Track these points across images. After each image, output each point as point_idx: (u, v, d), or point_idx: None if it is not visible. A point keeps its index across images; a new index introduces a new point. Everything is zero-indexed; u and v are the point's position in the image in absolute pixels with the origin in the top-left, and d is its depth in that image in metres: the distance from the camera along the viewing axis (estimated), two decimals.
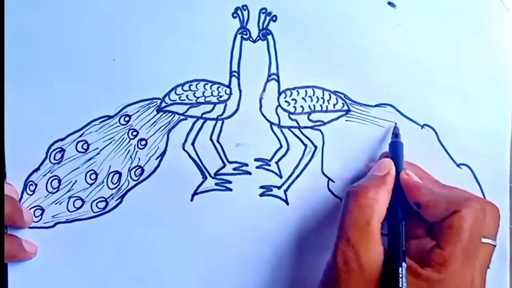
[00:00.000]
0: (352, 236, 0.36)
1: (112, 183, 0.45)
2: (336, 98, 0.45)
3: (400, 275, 0.35)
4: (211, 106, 0.44)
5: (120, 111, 0.44)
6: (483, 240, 0.37)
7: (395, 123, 0.44)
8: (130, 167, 0.45)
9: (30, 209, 0.44)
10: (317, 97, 0.44)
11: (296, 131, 0.45)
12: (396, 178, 0.39)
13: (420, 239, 0.39)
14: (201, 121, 0.44)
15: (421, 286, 0.35)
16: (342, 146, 0.44)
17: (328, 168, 0.44)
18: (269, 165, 0.45)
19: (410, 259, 0.36)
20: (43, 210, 0.45)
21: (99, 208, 0.45)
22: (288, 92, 0.44)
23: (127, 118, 0.44)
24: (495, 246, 0.38)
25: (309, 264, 0.44)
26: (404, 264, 0.35)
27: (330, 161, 0.44)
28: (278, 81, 0.44)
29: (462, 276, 0.35)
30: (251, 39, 0.44)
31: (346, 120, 0.45)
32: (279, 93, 0.44)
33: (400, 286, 0.35)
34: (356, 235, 0.36)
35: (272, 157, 0.45)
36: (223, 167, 0.45)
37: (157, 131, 0.45)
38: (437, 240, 0.36)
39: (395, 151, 0.42)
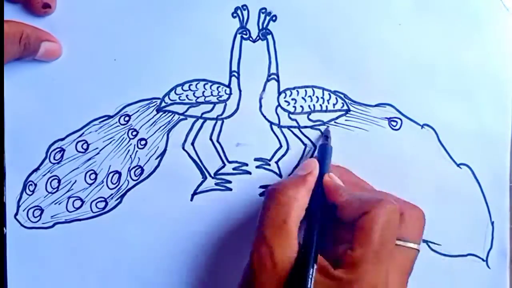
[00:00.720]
0: (268, 234, 0.36)
1: (112, 183, 0.44)
2: (336, 98, 0.45)
3: (310, 275, 0.34)
4: (211, 106, 0.44)
5: (120, 111, 0.44)
6: (399, 243, 0.37)
7: (328, 126, 0.44)
8: (129, 167, 0.45)
9: (29, 209, 0.44)
10: (317, 97, 0.44)
11: (296, 131, 0.45)
12: (320, 180, 0.39)
13: (335, 244, 0.38)
14: (201, 121, 0.44)
15: (331, 286, 0.34)
16: (342, 146, 0.44)
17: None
18: (269, 164, 0.45)
19: (330, 261, 0.36)
20: (42, 211, 0.44)
21: (98, 208, 0.45)
22: (288, 92, 0.44)
23: (127, 118, 0.44)
24: (418, 250, 0.38)
25: None
26: (315, 265, 0.35)
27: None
28: (278, 81, 0.44)
29: (374, 278, 0.34)
30: (251, 39, 0.44)
31: (346, 120, 0.45)
32: (279, 93, 0.44)
33: (308, 286, 0.34)
34: (272, 233, 0.36)
35: (272, 156, 0.45)
36: (223, 167, 0.45)
37: (157, 131, 0.44)
38: (350, 242, 0.35)
39: (323, 153, 0.42)
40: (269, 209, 0.37)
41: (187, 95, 0.44)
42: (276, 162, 0.45)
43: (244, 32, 0.44)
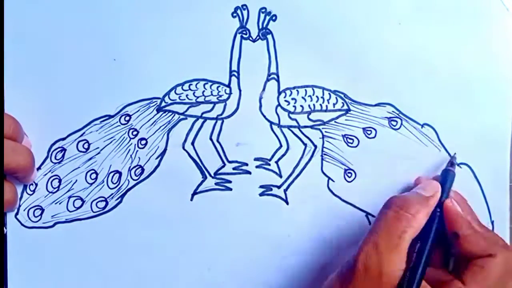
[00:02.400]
0: (381, 242, 0.36)
1: (112, 182, 0.45)
2: (336, 98, 0.45)
3: None
4: (211, 105, 0.44)
5: (121, 110, 0.44)
6: None
7: (455, 153, 0.44)
8: (130, 167, 0.45)
9: (30, 209, 0.44)
10: (317, 96, 0.44)
11: (296, 130, 0.45)
12: (437, 205, 0.40)
13: (435, 268, 0.40)
14: (201, 120, 0.45)
15: None
16: (342, 146, 0.44)
17: (328, 168, 0.44)
18: (269, 164, 0.45)
19: (430, 283, 0.37)
20: (42, 210, 0.45)
21: (99, 207, 0.45)
22: (288, 92, 0.44)
23: (127, 118, 0.45)
24: None
25: (309, 263, 0.44)
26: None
27: (330, 160, 0.44)
28: (278, 81, 0.44)
29: None
30: (250, 38, 0.44)
31: (346, 120, 0.45)
32: (279, 93, 0.44)
33: None
34: (385, 243, 0.36)
35: (272, 156, 0.45)
36: (223, 166, 0.45)
37: (157, 130, 0.45)
38: (461, 275, 0.37)
39: (446, 178, 0.42)
40: (389, 219, 0.37)
41: (187, 95, 0.44)
42: (276, 162, 0.45)
43: (244, 32, 0.44)
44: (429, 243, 0.38)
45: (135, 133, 0.45)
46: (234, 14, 0.44)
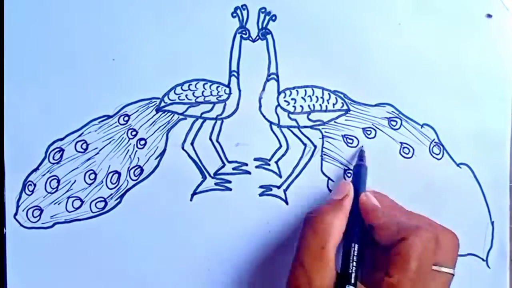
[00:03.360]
0: (306, 261, 0.36)
1: (111, 183, 0.44)
2: (336, 98, 0.45)
3: None
4: (211, 105, 0.44)
5: (119, 110, 0.44)
6: (435, 268, 0.37)
7: (362, 146, 0.44)
8: (129, 167, 0.44)
9: (28, 209, 0.44)
10: (316, 96, 0.44)
11: (296, 130, 0.45)
12: (356, 200, 0.40)
13: (373, 269, 0.39)
14: (200, 120, 0.44)
15: None
16: (342, 146, 0.44)
17: (328, 168, 0.44)
18: (269, 164, 0.44)
19: (368, 287, 0.36)
20: (41, 211, 0.44)
21: (98, 208, 0.44)
22: (287, 92, 0.44)
23: (126, 118, 0.44)
24: (453, 275, 0.38)
25: None
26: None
27: (330, 160, 0.44)
28: (277, 81, 0.44)
29: None
30: (250, 38, 0.44)
31: (346, 120, 0.45)
32: (279, 93, 0.44)
33: None
34: (310, 261, 0.36)
35: (272, 156, 0.44)
36: (223, 166, 0.44)
37: (156, 130, 0.44)
38: (386, 267, 0.36)
39: (358, 174, 0.42)
40: (307, 237, 0.37)
41: (186, 95, 0.44)
42: (276, 162, 0.44)
43: (244, 32, 0.44)
44: (354, 242, 0.38)
45: (134, 133, 0.45)
46: (234, 14, 0.44)
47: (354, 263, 0.37)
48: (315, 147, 0.44)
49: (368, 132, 0.44)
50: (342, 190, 0.40)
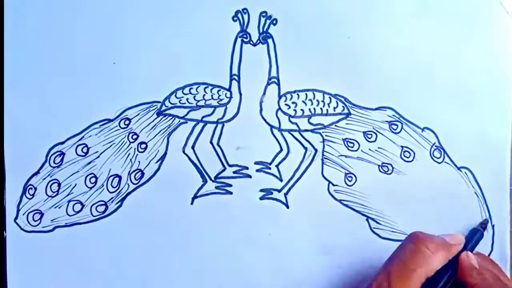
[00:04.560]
0: (394, 272, 0.37)
1: (112, 186, 0.44)
2: (337, 101, 0.45)
3: None
4: (211, 109, 0.44)
5: (120, 114, 0.44)
6: None
7: (488, 218, 0.44)
8: (130, 171, 0.44)
9: (29, 213, 0.44)
10: (317, 100, 0.44)
11: (297, 134, 0.45)
12: (457, 257, 0.40)
13: None
14: (201, 124, 0.44)
15: None
16: (343, 149, 0.44)
17: (328, 171, 0.44)
18: (270, 168, 0.44)
19: None
20: (42, 214, 0.44)
21: (98, 212, 0.44)
22: (288, 96, 0.44)
23: (127, 122, 0.44)
24: None
25: (309, 267, 0.44)
26: None
27: (331, 164, 0.44)
28: (278, 85, 0.44)
29: None
30: (251, 42, 0.44)
31: (346, 124, 0.45)
32: (280, 97, 0.44)
33: None
34: (398, 274, 0.37)
35: (273, 160, 0.44)
36: (223, 170, 0.44)
37: (157, 134, 0.44)
38: None
39: (472, 236, 0.42)
40: (406, 252, 0.38)
41: (187, 99, 0.44)
42: (277, 166, 0.44)
43: (245, 36, 0.44)
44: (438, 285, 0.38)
45: (135, 137, 0.45)
46: (235, 18, 0.44)
47: None
48: (316, 150, 0.44)
49: (369, 136, 0.45)
50: (456, 238, 0.40)
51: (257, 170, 0.45)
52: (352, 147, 0.45)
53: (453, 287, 0.39)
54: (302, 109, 0.44)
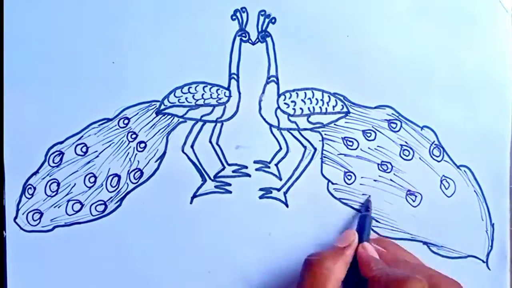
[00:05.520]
0: None
1: (111, 186, 0.44)
2: (336, 100, 0.44)
3: None
4: (210, 108, 0.44)
5: (119, 113, 0.44)
6: None
7: (369, 196, 0.44)
8: (129, 170, 0.44)
9: (28, 213, 0.44)
10: (316, 99, 0.44)
11: (296, 133, 0.45)
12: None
13: None
14: (200, 123, 0.44)
15: None
16: (342, 148, 0.44)
17: (328, 170, 0.44)
18: (269, 167, 0.44)
19: None
20: (41, 214, 0.44)
21: (98, 211, 0.44)
22: (287, 94, 0.44)
23: (126, 121, 0.44)
24: None
25: None
26: None
27: (330, 163, 0.44)
28: (277, 83, 0.44)
29: None
30: (250, 41, 0.44)
31: (346, 122, 0.45)
32: (279, 95, 0.44)
33: None
34: None
35: (272, 159, 0.44)
36: (223, 169, 0.44)
37: (156, 133, 0.44)
38: None
39: (362, 224, 0.42)
40: (305, 280, 0.37)
41: (186, 98, 0.44)
42: (276, 165, 0.44)
43: (244, 35, 0.44)
44: None
45: (134, 136, 0.45)
46: (234, 17, 0.44)
47: None
48: (315, 149, 0.44)
49: (368, 135, 0.45)
50: (346, 238, 0.40)
51: (257, 169, 0.45)
52: (352, 145, 0.45)
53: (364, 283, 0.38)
54: (301, 108, 0.44)
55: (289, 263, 0.44)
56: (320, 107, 0.44)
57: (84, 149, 0.44)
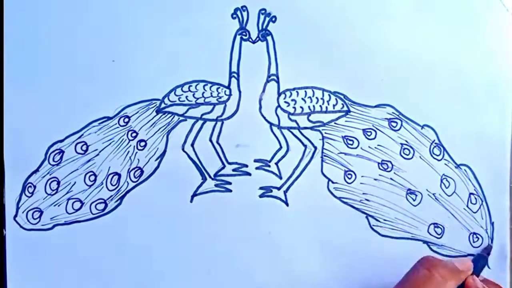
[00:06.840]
0: None
1: (111, 184, 0.44)
2: (336, 99, 0.44)
3: None
4: (211, 107, 0.44)
5: (120, 112, 0.44)
6: None
7: (492, 243, 0.45)
8: (129, 168, 0.44)
9: (28, 211, 0.44)
10: (316, 97, 0.44)
11: (296, 131, 0.45)
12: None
13: None
14: (200, 122, 0.44)
15: None
16: (342, 147, 0.44)
17: (328, 169, 0.44)
18: (269, 166, 0.44)
19: None
20: (41, 212, 0.44)
21: (98, 209, 0.44)
22: (287, 93, 0.44)
23: (126, 119, 0.44)
24: None
25: (308, 264, 0.44)
26: None
27: (330, 161, 0.44)
28: (277, 82, 0.44)
29: None
30: (250, 39, 0.44)
31: (346, 121, 0.45)
32: (279, 94, 0.44)
33: None
34: None
35: (272, 158, 0.44)
36: (223, 168, 0.44)
37: (156, 132, 0.44)
38: None
39: (478, 261, 0.43)
40: (418, 274, 0.39)
41: (186, 96, 0.44)
42: (276, 163, 0.44)
43: (244, 33, 0.44)
44: None
45: (134, 134, 0.44)
46: (234, 16, 0.44)
47: None
48: (315, 148, 0.44)
49: (368, 133, 0.45)
50: (466, 265, 0.41)
51: (257, 168, 0.45)
52: (352, 144, 0.45)
53: None
54: (301, 107, 0.44)
55: (289, 261, 0.44)
56: (320, 106, 0.44)
57: (84, 148, 0.44)
